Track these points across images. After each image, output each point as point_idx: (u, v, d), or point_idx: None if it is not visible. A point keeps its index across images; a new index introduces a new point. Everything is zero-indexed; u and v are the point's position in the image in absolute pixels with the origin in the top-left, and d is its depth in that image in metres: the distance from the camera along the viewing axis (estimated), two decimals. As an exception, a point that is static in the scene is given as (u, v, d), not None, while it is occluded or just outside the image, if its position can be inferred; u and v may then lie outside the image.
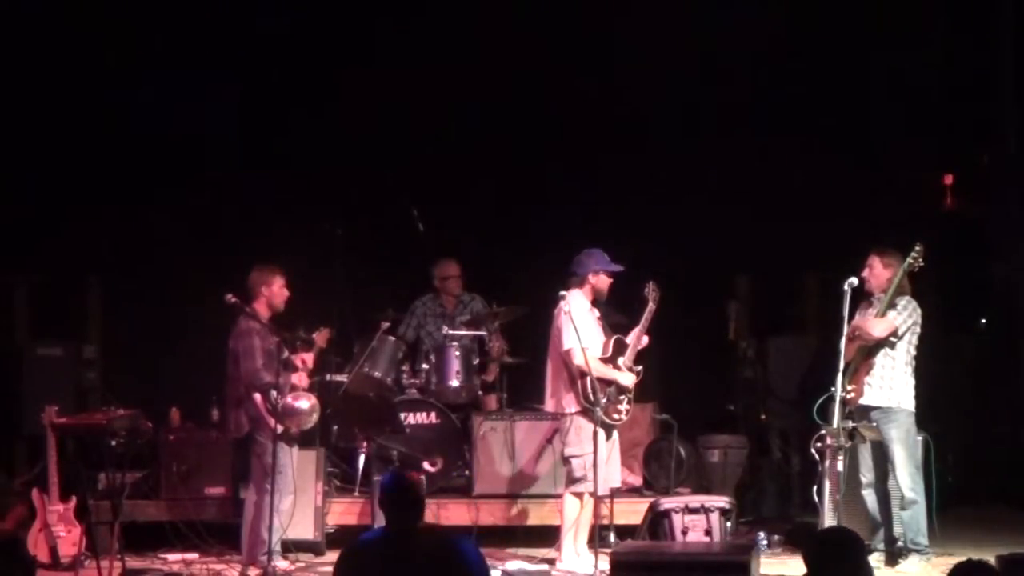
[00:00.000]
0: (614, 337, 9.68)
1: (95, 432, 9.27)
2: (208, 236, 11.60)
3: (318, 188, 11.75)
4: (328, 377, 10.63)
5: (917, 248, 9.20)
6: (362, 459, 10.57)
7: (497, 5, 11.87)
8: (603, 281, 9.64)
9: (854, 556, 5.47)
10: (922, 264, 9.21)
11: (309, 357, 9.79)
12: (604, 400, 9.36)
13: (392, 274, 11.82)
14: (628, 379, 9.58)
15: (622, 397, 9.60)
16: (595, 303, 9.72)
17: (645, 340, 9.69)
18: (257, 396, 9.37)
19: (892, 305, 9.29)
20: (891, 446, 9.29)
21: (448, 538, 6.09)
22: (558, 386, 9.58)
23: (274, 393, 9.32)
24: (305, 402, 9.51)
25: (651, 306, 9.65)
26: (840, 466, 9.06)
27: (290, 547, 9.78)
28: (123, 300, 11.77)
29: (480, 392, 11.12)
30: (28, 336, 11.61)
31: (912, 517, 9.30)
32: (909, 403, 9.36)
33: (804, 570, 5.49)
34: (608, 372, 9.52)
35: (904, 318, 9.30)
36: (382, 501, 6.11)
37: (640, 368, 9.68)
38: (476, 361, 11.10)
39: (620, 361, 9.60)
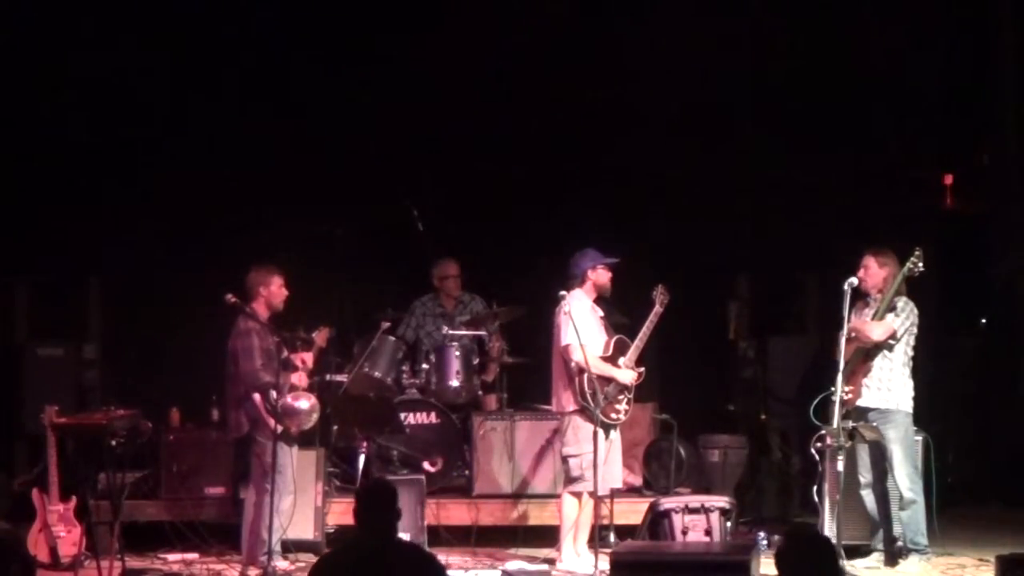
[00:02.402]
0: (616, 337, 9.68)
1: (95, 432, 9.27)
2: (208, 236, 11.59)
3: (318, 188, 11.75)
4: (328, 377, 10.62)
5: (916, 253, 9.19)
6: (362, 459, 10.55)
7: (497, 5, 11.86)
8: (603, 275, 9.64)
9: (821, 559, 5.39)
10: (922, 269, 9.21)
11: (309, 357, 9.78)
12: (602, 399, 9.36)
13: (392, 274, 11.81)
14: (627, 376, 9.57)
15: (621, 396, 9.59)
16: (599, 300, 9.73)
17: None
18: (256, 396, 9.37)
19: (891, 307, 9.29)
20: (889, 447, 9.30)
21: (426, 555, 5.94)
22: (558, 385, 9.58)
23: (273, 393, 9.32)
24: (305, 402, 9.50)
25: (657, 308, 9.65)
26: (840, 466, 9.06)
27: (290, 547, 9.76)
28: (123, 300, 11.77)
29: (480, 392, 11.11)
30: (28, 336, 11.60)
31: (911, 517, 9.30)
32: (907, 404, 9.37)
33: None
34: (607, 369, 9.51)
35: (902, 320, 9.30)
36: (356, 510, 5.91)
37: (642, 369, 9.68)
38: (476, 361, 11.10)
39: (621, 361, 9.60)
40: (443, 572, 5.87)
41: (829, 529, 9.28)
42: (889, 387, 9.32)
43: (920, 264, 9.19)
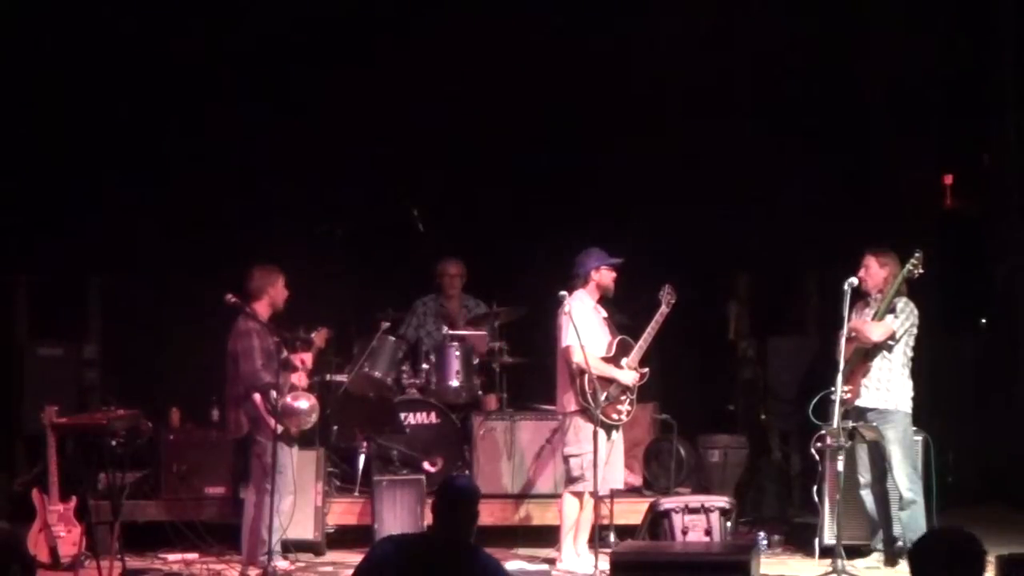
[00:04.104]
0: (618, 337, 9.68)
1: (95, 432, 9.28)
2: (208, 236, 11.59)
3: (318, 188, 11.75)
4: (328, 377, 10.62)
5: (917, 255, 9.20)
6: (362, 459, 10.58)
7: (497, 4, 11.86)
8: (607, 276, 9.64)
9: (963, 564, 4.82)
10: (922, 271, 9.22)
11: (308, 357, 9.78)
12: (603, 399, 9.35)
13: (392, 274, 11.81)
14: (628, 377, 9.57)
15: (623, 397, 9.59)
16: (603, 300, 9.72)
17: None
18: (256, 396, 9.37)
19: (891, 308, 9.29)
20: (888, 447, 9.31)
21: (496, 563, 5.87)
22: (560, 386, 9.59)
23: (273, 393, 9.32)
24: (305, 402, 9.51)
25: (663, 309, 9.65)
26: (840, 466, 9.07)
27: (290, 547, 9.77)
28: (123, 300, 11.76)
29: (480, 392, 11.11)
30: (28, 336, 11.59)
31: (911, 517, 9.30)
32: (906, 405, 9.38)
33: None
34: (608, 370, 9.51)
35: (902, 321, 9.32)
36: (434, 505, 5.89)
37: (646, 370, 9.68)
38: (476, 361, 11.09)
39: (623, 361, 9.59)
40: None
41: (829, 529, 9.29)
42: (888, 387, 9.33)
43: (920, 266, 9.20)
